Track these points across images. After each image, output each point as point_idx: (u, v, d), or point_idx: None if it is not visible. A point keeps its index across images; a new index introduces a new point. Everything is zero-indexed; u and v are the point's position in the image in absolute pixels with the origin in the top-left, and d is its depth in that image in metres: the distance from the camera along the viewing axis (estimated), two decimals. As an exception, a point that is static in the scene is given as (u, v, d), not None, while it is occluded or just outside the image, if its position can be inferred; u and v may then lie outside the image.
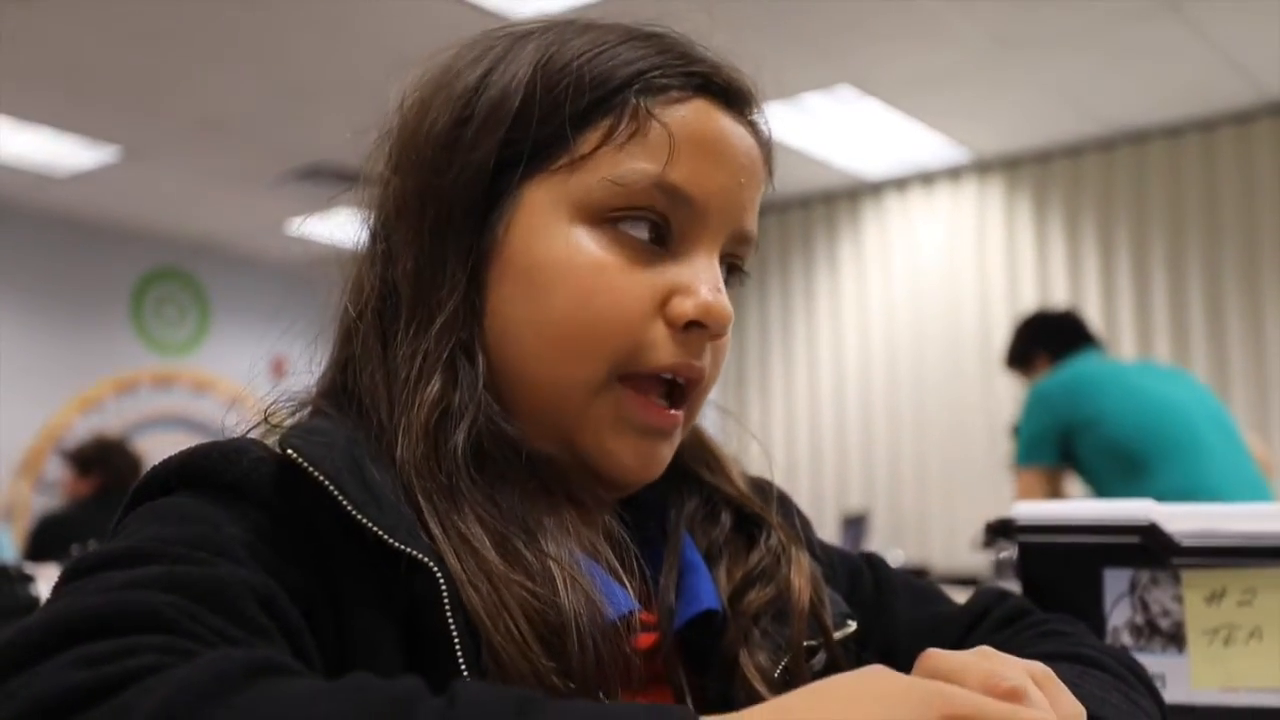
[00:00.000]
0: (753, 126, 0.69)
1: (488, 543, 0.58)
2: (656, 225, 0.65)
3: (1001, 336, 5.12)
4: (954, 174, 5.55)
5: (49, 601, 0.47)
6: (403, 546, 0.55)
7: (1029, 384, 3.15)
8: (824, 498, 5.72)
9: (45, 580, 1.42)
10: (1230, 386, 4.70)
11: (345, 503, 0.55)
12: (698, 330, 0.64)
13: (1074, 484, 3.08)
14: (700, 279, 0.64)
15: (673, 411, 0.66)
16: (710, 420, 0.78)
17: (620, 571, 0.64)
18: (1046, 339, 3.16)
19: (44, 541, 3.77)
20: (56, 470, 4.98)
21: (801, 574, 0.71)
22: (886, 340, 5.68)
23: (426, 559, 0.55)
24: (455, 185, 0.65)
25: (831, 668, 0.70)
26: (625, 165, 0.63)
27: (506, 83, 0.65)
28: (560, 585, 0.58)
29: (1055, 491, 2.93)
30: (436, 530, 0.58)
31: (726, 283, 0.68)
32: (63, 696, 0.40)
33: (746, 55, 0.70)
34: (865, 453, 5.72)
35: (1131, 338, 5.01)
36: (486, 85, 0.66)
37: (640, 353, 0.64)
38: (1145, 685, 0.67)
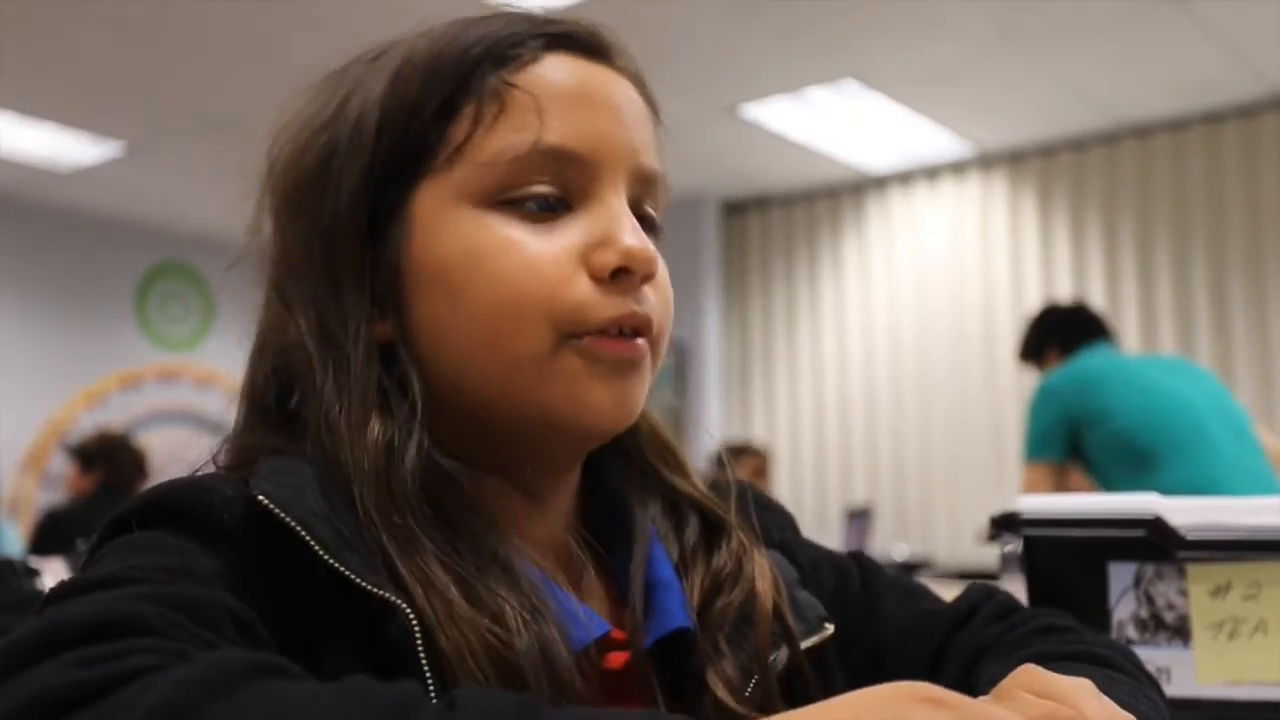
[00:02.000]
0: (617, 69, 0.68)
1: (450, 584, 0.58)
2: (554, 190, 0.64)
3: (1005, 329, 5.13)
4: (958, 168, 5.54)
5: (36, 617, 0.47)
6: (376, 590, 0.55)
7: (1042, 377, 3.16)
8: (828, 492, 5.73)
9: (50, 574, 1.43)
10: (1235, 379, 4.69)
11: (317, 547, 0.55)
12: (625, 277, 0.63)
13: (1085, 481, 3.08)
14: (615, 226, 0.63)
15: (637, 341, 0.64)
16: (714, 419, 0.78)
17: (582, 593, 0.64)
18: (1057, 332, 3.17)
19: (48, 536, 3.78)
20: (61, 465, 4.99)
21: (763, 577, 0.70)
22: (890, 334, 5.67)
23: (400, 601, 0.55)
24: (336, 218, 0.64)
25: (794, 671, 0.69)
26: (502, 143, 0.63)
27: (362, 103, 0.65)
28: (515, 623, 0.57)
29: (1061, 487, 2.93)
30: (403, 572, 0.57)
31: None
32: (64, 693, 0.40)
33: (751, 49, 0.69)
34: (869, 446, 5.71)
35: (1136, 331, 5.01)
36: (344, 113, 0.65)
37: (578, 314, 0.62)
38: (1152, 683, 0.67)
